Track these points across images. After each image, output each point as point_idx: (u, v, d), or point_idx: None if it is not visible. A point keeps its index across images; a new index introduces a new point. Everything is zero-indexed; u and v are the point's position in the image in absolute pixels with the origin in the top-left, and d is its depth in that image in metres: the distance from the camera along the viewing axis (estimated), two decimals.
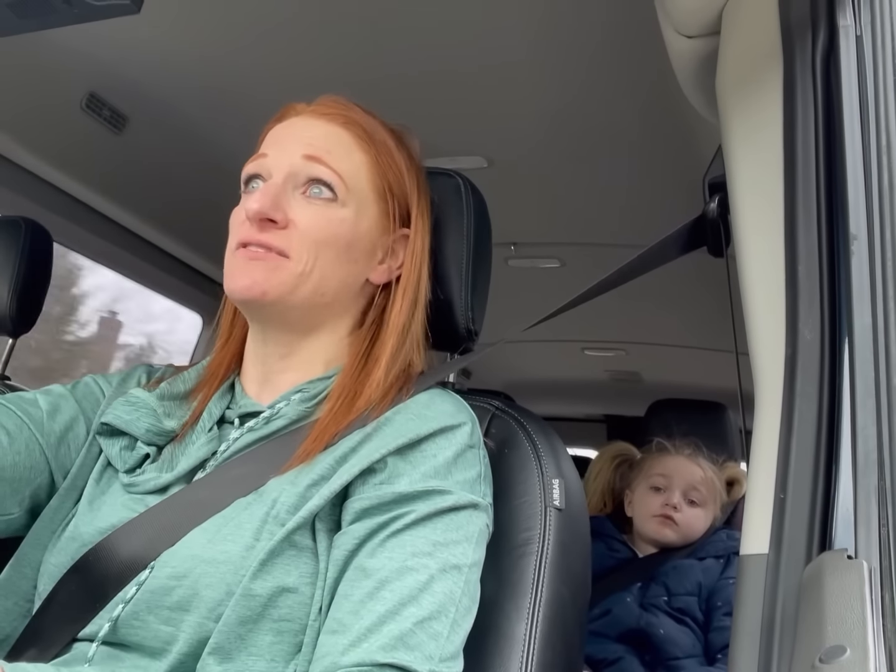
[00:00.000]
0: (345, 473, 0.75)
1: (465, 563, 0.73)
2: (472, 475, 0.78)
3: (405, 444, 0.76)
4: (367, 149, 0.86)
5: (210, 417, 0.86)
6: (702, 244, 0.87)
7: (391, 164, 0.88)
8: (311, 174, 0.83)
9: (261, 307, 0.82)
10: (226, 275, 0.82)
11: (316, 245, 0.81)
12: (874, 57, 0.65)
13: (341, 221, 0.83)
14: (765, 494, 0.63)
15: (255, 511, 0.75)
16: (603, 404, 3.66)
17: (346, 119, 0.87)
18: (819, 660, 0.49)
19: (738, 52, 0.76)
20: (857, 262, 0.62)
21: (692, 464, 1.77)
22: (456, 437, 0.79)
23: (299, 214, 0.82)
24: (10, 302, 1.41)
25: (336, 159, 0.83)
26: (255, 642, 0.70)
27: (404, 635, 0.67)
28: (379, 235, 0.87)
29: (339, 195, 0.83)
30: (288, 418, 0.82)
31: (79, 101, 1.55)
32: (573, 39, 1.28)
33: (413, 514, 0.73)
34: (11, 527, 0.84)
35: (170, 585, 0.73)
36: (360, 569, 0.72)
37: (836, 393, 0.62)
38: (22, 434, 0.83)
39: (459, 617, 0.71)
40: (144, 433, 0.84)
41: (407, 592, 0.69)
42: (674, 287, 2.22)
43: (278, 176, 0.83)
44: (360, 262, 0.86)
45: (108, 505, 0.81)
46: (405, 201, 0.89)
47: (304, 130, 0.86)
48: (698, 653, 1.62)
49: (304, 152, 0.83)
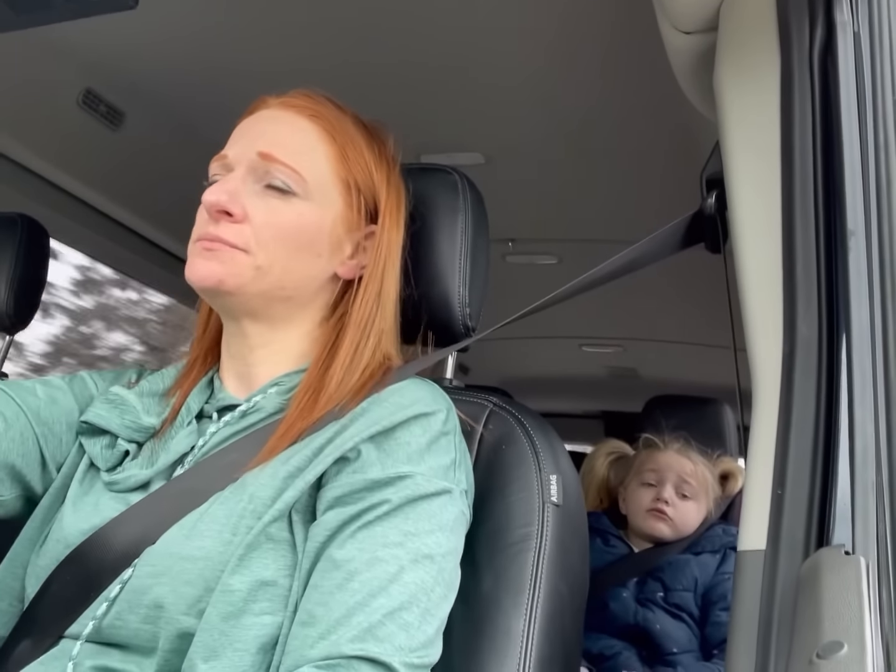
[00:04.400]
0: (319, 464, 0.75)
1: (437, 552, 0.73)
2: (445, 461, 0.78)
3: (378, 432, 0.76)
4: (332, 142, 0.86)
5: (189, 412, 0.86)
6: (699, 240, 0.87)
7: (358, 158, 0.87)
8: (267, 170, 0.83)
9: (221, 296, 0.82)
10: (186, 266, 0.83)
11: (273, 240, 0.81)
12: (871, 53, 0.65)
13: (299, 215, 0.83)
14: (762, 490, 0.63)
15: (232, 506, 0.75)
16: (600, 400, 3.66)
17: (314, 112, 0.86)
18: (816, 655, 0.50)
19: (736, 49, 0.76)
20: (854, 258, 0.62)
21: (682, 458, 1.79)
22: (430, 423, 0.78)
23: (257, 208, 0.82)
24: (6, 299, 1.41)
25: (294, 154, 0.83)
26: (239, 637, 0.70)
27: (373, 627, 0.67)
28: (346, 230, 0.87)
29: (297, 189, 0.83)
30: (265, 411, 0.82)
31: (75, 98, 1.54)
32: (570, 36, 1.28)
33: (385, 506, 0.73)
34: (2, 509, 0.84)
35: (148, 584, 0.73)
36: (331, 560, 0.72)
37: (833, 389, 0.62)
38: (18, 422, 0.82)
39: (432, 606, 0.71)
40: (124, 430, 0.84)
41: (377, 584, 0.69)
42: (671, 283, 2.22)
43: (238, 171, 0.83)
44: (325, 257, 0.85)
45: (90, 505, 0.81)
46: (373, 196, 0.88)
47: (268, 124, 0.86)
48: (695, 648, 1.62)
49: (260, 149, 0.82)
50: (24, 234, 1.43)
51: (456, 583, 0.76)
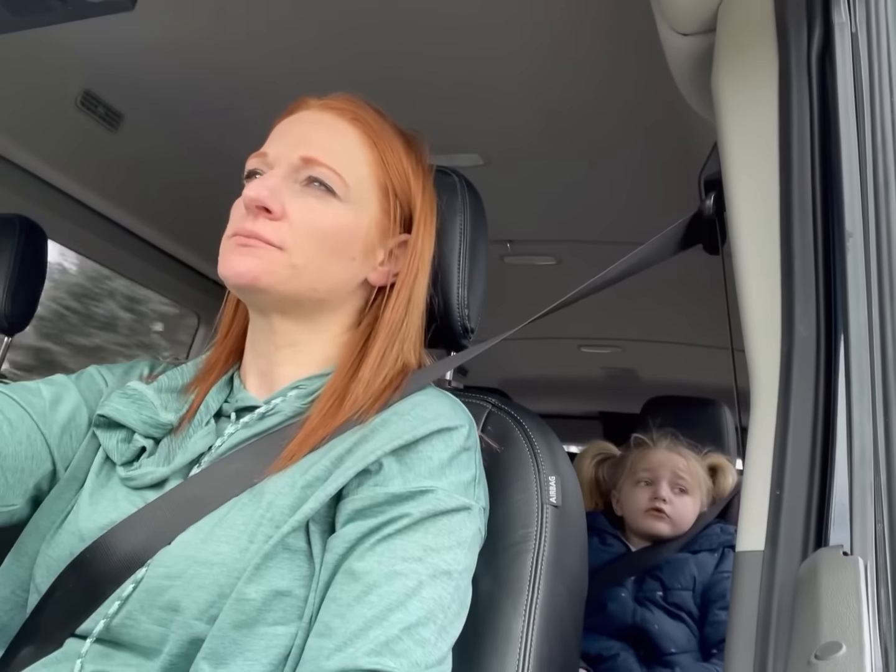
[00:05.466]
0: (340, 476, 0.74)
1: (456, 568, 0.73)
2: (466, 478, 0.77)
3: (401, 446, 0.76)
4: (372, 147, 0.86)
5: (207, 411, 0.85)
6: (698, 241, 0.87)
7: (397, 165, 0.87)
8: (309, 174, 0.82)
9: (255, 293, 0.82)
10: (220, 260, 0.82)
11: (310, 239, 0.81)
12: (869, 54, 0.65)
13: (336, 216, 0.82)
14: (761, 491, 0.63)
15: (250, 512, 0.75)
16: (599, 401, 3.67)
17: (355, 115, 0.86)
18: (815, 656, 0.50)
19: (734, 50, 0.76)
20: (852, 258, 0.62)
21: (674, 454, 1.80)
22: (452, 439, 0.78)
23: (296, 207, 0.81)
24: (4, 301, 1.41)
25: (335, 157, 0.83)
26: (251, 646, 0.70)
27: (390, 641, 0.67)
28: (380, 236, 0.87)
29: (337, 191, 0.82)
30: (284, 415, 0.82)
31: (74, 99, 1.54)
32: (569, 38, 1.28)
33: (406, 519, 0.73)
34: (14, 517, 0.83)
35: (163, 585, 0.72)
36: (349, 572, 0.71)
37: (831, 389, 0.62)
38: (24, 424, 0.82)
39: (448, 623, 0.71)
40: (141, 425, 0.84)
41: (395, 598, 0.69)
42: (670, 284, 2.22)
43: (278, 169, 0.83)
44: (359, 261, 0.85)
45: (107, 499, 0.81)
46: (408, 204, 0.88)
47: (309, 126, 0.86)
48: (693, 648, 1.62)
49: (302, 154, 0.82)
50: (22, 236, 1.43)
51: (468, 600, 0.75)
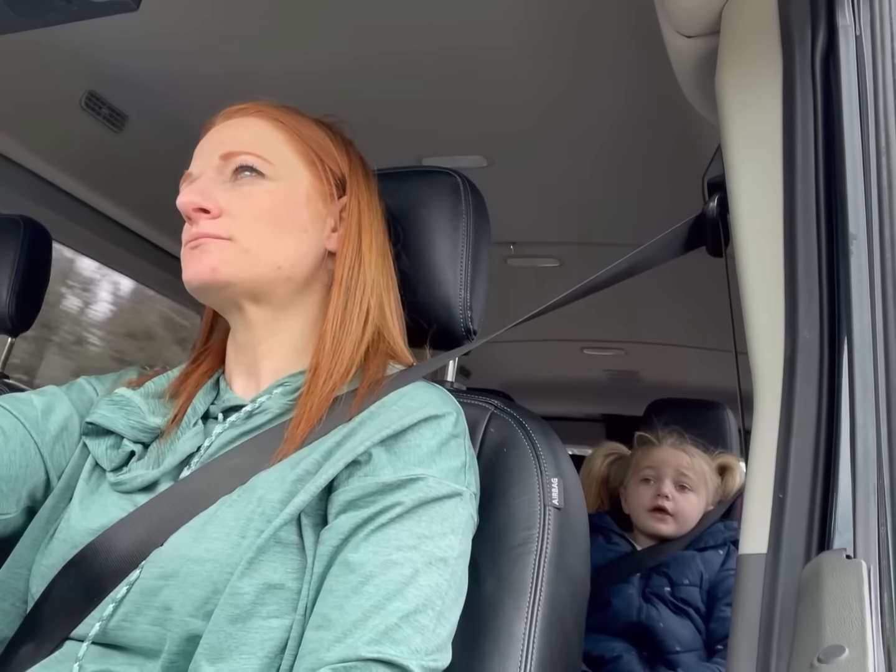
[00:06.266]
0: (330, 468, 0.75)
1: (451, 555, 0.73)
2: (456, 464, 0.78)
3: (389, 436, 0.76)
4: (282, 126, 0.88)
5: (195, 413, 0.86)
6: (701, 244, 0.87)
7: (312, 134, 0.90)
8: (233, 166, 0.85)
9: (220, 289, 0.83)
10: (182, 274, 0.84)
11: (254, 221, 0.83)
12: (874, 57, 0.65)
13: (270, 193, 0.84)
14: (764, 494, 0.63)
15: (241, 508, 0.75)
16: (602, 404, 3.66)
17: (256, 110, 0.89)
18: (817, 659, 0.49)
19: (738, 52, 0.76)
20: (856, 261, 0.62)
21: (678, 451, 1.80)
22: (441, 426, 0.79)
23: (231, 199, 0.84)
24: (8, 301, 1.41)
25: (251, 144, 0.86)
26: (246, 640, 0.70)
27: (389, 630, 0.67)
28: (323, 202, 0.88)
29: (264, 171, 0.85)
30: (271, 412, 0.83)
31: (78, 100, 1.54)
32: (573, 40, 1.28)
33: (398, 508, 0.73)
34: (9, 527, 0.84)
35: (157, 586, 0.73)
36: (345, 563, 0.72)
37: (835, 392, 0.62)
38: (17, 433, 0.83)
39: (446, 609, 0.71)
40: (129, 430, 0.85)
41: (392, 587, 0.69)
42: (673, 287, 2.22)
43: (205, 175, 0.86)
44: (310, 230, 0.87)
45: (97, 505, 0.81)
46: (336, 164, 0.90)
47: (219, 132, 0.89)
48: (698, 647, 1.62)
49: (220, 153, 0.86)
50: (27, 237, 1.43)
51: (465, 586, 0.76)
